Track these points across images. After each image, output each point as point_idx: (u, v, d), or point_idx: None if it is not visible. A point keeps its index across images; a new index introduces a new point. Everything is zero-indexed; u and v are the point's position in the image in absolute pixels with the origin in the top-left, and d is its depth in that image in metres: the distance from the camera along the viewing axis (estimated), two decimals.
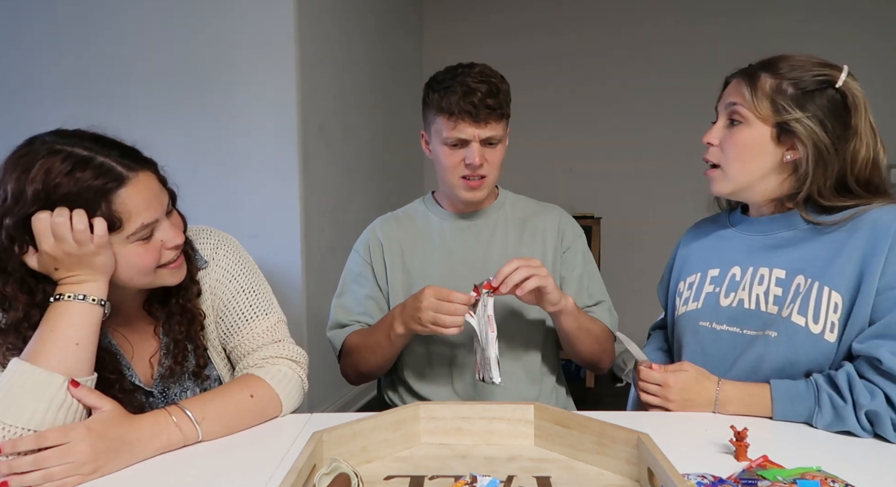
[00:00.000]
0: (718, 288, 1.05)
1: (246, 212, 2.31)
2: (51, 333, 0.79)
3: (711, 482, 0.69)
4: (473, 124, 1.15)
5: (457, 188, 1.22)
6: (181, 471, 0.79)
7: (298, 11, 2.29)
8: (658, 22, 3.72)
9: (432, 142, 1.24)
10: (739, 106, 0.99)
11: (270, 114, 2.31)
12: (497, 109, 1.16)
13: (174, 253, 0.90)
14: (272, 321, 1.03)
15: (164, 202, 0.87)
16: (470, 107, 1.13)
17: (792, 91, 0.96)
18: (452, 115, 1.15)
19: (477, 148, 1.17)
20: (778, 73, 0.97)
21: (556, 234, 1.31)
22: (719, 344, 1.02)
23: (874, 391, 0.84)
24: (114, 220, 0.81)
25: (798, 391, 0.90)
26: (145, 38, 2.36)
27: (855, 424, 0.85)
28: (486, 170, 1.20)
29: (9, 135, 0.83)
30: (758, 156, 0.98)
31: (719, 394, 0.95)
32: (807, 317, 0.92)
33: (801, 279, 0.95)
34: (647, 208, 3.82)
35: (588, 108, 3.86)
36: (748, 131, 0.98)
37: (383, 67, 3.28)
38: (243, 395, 0.92)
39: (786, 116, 0.95)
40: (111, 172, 0.80)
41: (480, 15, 3.93)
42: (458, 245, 1.29)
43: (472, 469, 0.77)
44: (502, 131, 1.20)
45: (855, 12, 3.46)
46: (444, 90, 1.16)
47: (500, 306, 1.23)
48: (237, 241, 1.08)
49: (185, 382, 1.00)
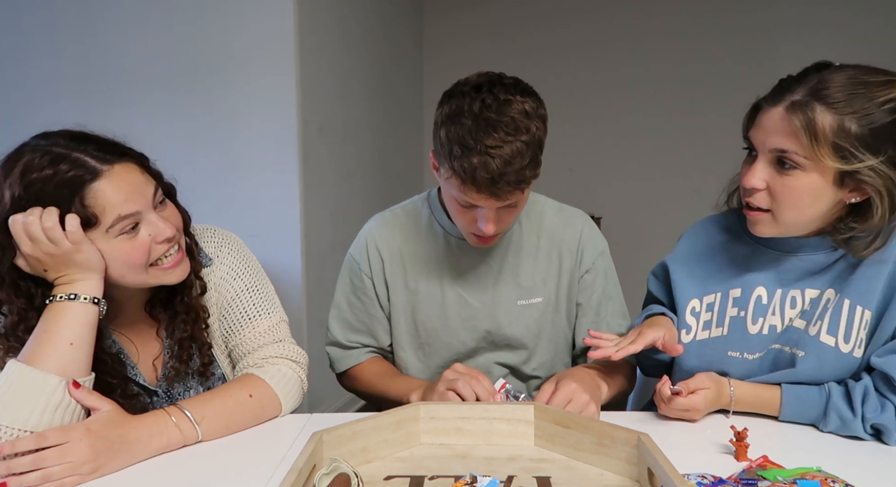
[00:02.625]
0: (743, 312, 0.94)
1: (246, 211, 2.31)
2: (45, 334, 0.79)
3: (711, 482, 0.69)
4: (491, 198, 0.95)
5: (465, 235, 1.09)
6: (181, 471, 0.79)
7: (298, 11, 2.28)
8: (660, 20, 3.72)
9: (441, 180, 1.03)
10: (793, 154, 0.81)
11: (270, 113, 2.31)
12: (522, 182, 0.94)
13: (166, 246, 0.87)
14: (274, 320, 1.03)
15: (148, 195, 0.85)
16: (489, 183, 0.91)
17: (857, 129, 0.78)
18: (466, 183, 0.94)
19: (491, 216, 0.99)
20: (835, 105, 0.78)
21: (576, 254, 1.17)
22: (752, 370, 0.95)
23: (885, 404, 0.84)
24: (89, 217, 0.79)
25: (809, 397, 0.88)
26: (145, 37, 2.36)
27: (861, 433, 0.85)
28: (499, 229, 1.03)
29: (8, 134, 0.83)
30: (816, 203, 0.84)
31: (734, 394, 0.92)
32: (837, 337, 0.88)
33: (830, 293, 0.90)
34: (647, 208, 3.82)
35: (588, 108, 3.85)
36: (805, 178, 0.82)
37: (384, 67, 3.28)
38: (242, 395, 0.92)
39: (856, 165, 0.79)
40: (84, 166, 0.79)
41: (481, 14, 3.93)
42: (467, 267, 1.16)
43: (472, 469, 0.77)
44: (525, 192, 1.00)
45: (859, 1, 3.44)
46: (462, 147, 0.91)
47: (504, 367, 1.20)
48: (241, 240, 1.08)
49: (188, 382, 1.00)
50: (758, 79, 1.20)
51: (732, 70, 3.53)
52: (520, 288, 1.16)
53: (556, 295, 1.17)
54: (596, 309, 1.19)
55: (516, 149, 0.91)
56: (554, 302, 1.18)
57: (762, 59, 3.43)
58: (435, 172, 1.05)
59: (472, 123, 0.91)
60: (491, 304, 1.16)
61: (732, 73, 3.52)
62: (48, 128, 0.86)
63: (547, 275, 1.17)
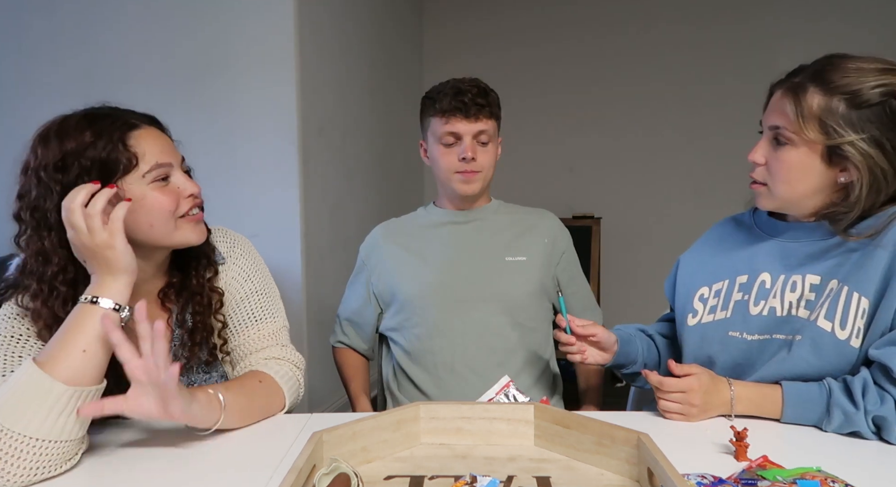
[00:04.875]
0: (747, 295, 0.99)
1: (246, 211, 2.31)
2: (62, 336, 0.78)
3: (711, 482, 0.69)
4: (465, 119, 1.25)
5: (453, 182, 1.30)
6: (181, 470, 0.79)
7: (298, 13, 2.29)
8: (658, 22, 3.73)
9: (429, 145, 1.32)
10: (784, 129, 0.90)
11: (270, 114, 2.31)
12: (486, 107, 1.26)
13: (191, 202, 0.92)
14: (278, 325, 1.05)
15: (178, 156, 0.93)
16: (461, 104, 1.24)
17: (844, 109, 0.85)
18: (445, 113, 1.25)
19: (469, 142, 1.26)
20: (830, 85, 0.86)
21: (551, 235, 1.37)
22: (750, 354, 0.97)
23: (885, 397, 0.83)
24: (129, 158, 0.84)
25: (810, 395, 0.88)
26: (145, 38, 2.36)
27: (864, 428, 0.84)
28: (479, 164, 1.28)
29: (7, 134, 0.84)
30: (806, 178, 0.91)
31: (734, 395, 0.91)
32: (833, 322, 0.88)
33: (833, 283, 0.91)
34: (647, 208, 3.82)
35: (588, 108, 3.86)
36: (794, 153, 0.90)
37: (383, 68, 3.28)
38: (253, 382, 0.95)
39: (837, 140, 0.85)
40: (124, 118, 0.87)
41: (480, 16, 3.93)
42: (454, 238, 1.34)
43: (472, 469, 0.77)
44: (493, 130, 1.29)
45: (867, 10, 3.44)
46: (437, 94, 1.28)
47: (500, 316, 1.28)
48: (251, 243, 1.11)
49: (192, 375, 1.01)
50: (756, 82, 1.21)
51: (732, 73, 3.54)
52: (507, 251, 1.33)
53: (538, 257, 1.34)
54: (572, 291, 1.38)
55: (481, 86, 1.28)
56: (538, 264, 1.33)
57: (761, 62, 3.43)
58: (424, 158, 1.36)
59: (442, 84, 1.30)
60: (480, 263, 1.31)
61: (732, 76, 3.53)
62: None
63: (529, 246, 1.34)
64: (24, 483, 0.74)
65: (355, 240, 1.39)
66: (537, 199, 1.51)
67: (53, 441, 0.75)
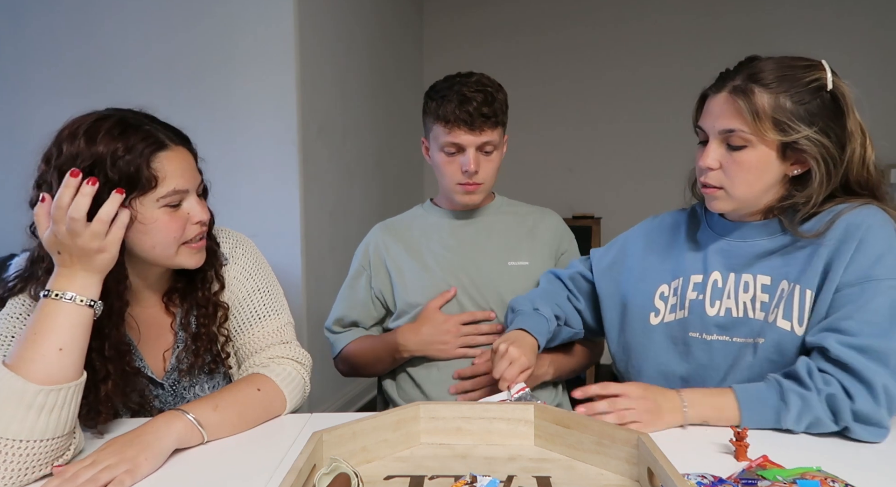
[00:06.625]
0: (702, 295, 1.00)
1: (246, 211, 2.31)
2: (34, 336, 0.76)
3: (711, 482, 0.69)
4: (469, 132, 1.19)
5: (454, 193, 1.27)
6: (181, 471, 0.79)
7: (298, 11, 2.29)
8: (659, 20, 3.72)
9: (431, 148, 1.29)
10: (740, 132, 0.91)
11: (270, 114, 2.31)
12: (492, 118, 1.20)
13: (198, 229, 0.91)
14: (282, 322, 1.05)
15: (197, 180, 0.92)
16: (465, 115, 1.17)
17: (791, 105, 0.89)
18: (449, 123, 1.19)
19: (472, 155, 1.21)
20: (771, 85, 0.89)
21: (554, 234, 1.36)
22: (712, 355, 0.98)
23: (828, 379, 0.84)
24: (150, 178, 0.84)
25: (760, 392, 0.88)
26: (145, 37, 2.36)
27: (821, 411, 0.83)
28: (481, 176, 1.24)
29: (7, 130, 0.84)
30: (764, 176, 0.93)
31: (685, 401, 0.89)
32: (792, 321, 0.91)
33: (784, 284, 0.93)
34: (647, 208, 3.77)
35: (588, 108, 3.85)
36: (753, 153, 0.92)
37: (384, 67, 3.28)
38: (251, 389, 0.94)
39: (794, 135, 0.89)
40: (154, 137, 0.86)
41: (480, 15, 3.93)
42: (456, 241, 1.32)
43: (472, 469, 0.77)
44: (498, 138, 1.24)
45: (857, 2, 3.44)
46: (441, 98, 1.20)
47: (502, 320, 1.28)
48: (252, 242, 1.11)
49: (196, 377, 1.01)
50: None
51: None
52: (508, 253, 1.31)
53: (540, 260, 1.32)
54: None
55: (487, 92, 1.20)
56: (541, 268, 1.31)
57: None
58: (426, 156, 1.31)
59: (447, 84, 1.22)
60: (479, 265, 1.29)
61: None
62: (48, 128, 0.86)
63: (531, 247, 1.32)
64: (19, 485, 0.74)
65: (355, 240, 1.39)
66: (537, 199, 1.50)
67: (38, 440, 0.74)
